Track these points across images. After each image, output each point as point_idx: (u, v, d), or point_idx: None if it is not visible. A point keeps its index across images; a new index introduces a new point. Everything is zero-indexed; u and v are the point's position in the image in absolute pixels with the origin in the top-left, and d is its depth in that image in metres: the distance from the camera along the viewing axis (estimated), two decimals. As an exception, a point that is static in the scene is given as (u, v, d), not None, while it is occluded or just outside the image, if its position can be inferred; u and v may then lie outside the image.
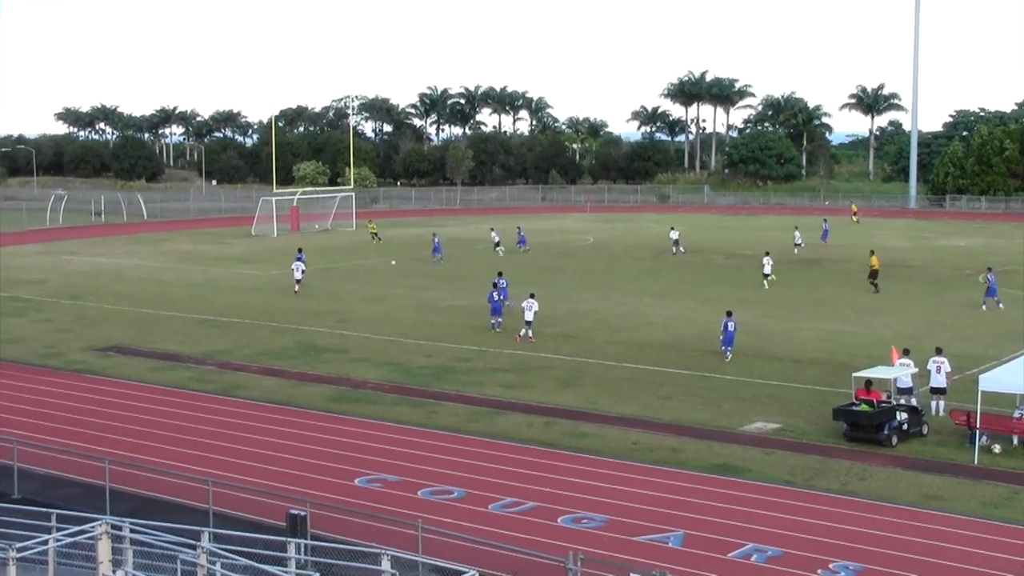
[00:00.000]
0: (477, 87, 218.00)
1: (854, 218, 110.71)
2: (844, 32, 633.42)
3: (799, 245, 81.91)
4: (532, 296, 47.34)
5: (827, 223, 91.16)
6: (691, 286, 63.47)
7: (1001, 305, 53.92)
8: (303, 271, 61.95)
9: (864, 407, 31.35)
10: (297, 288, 60.96)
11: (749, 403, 35.61)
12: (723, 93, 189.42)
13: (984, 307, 53.90)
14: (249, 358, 43.18)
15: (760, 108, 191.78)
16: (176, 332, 48.88)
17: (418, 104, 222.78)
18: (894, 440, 30.85)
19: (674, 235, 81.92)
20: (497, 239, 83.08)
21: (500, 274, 54.88)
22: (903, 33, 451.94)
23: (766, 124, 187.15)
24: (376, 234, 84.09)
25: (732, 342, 42.33)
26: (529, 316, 46.03)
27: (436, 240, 78.25)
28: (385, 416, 34.16)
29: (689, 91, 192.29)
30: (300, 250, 67.05)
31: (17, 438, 28.53)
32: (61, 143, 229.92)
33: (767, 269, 64.14)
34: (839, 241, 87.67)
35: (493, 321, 48.96)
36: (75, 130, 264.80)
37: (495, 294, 49.87)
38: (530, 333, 45.97)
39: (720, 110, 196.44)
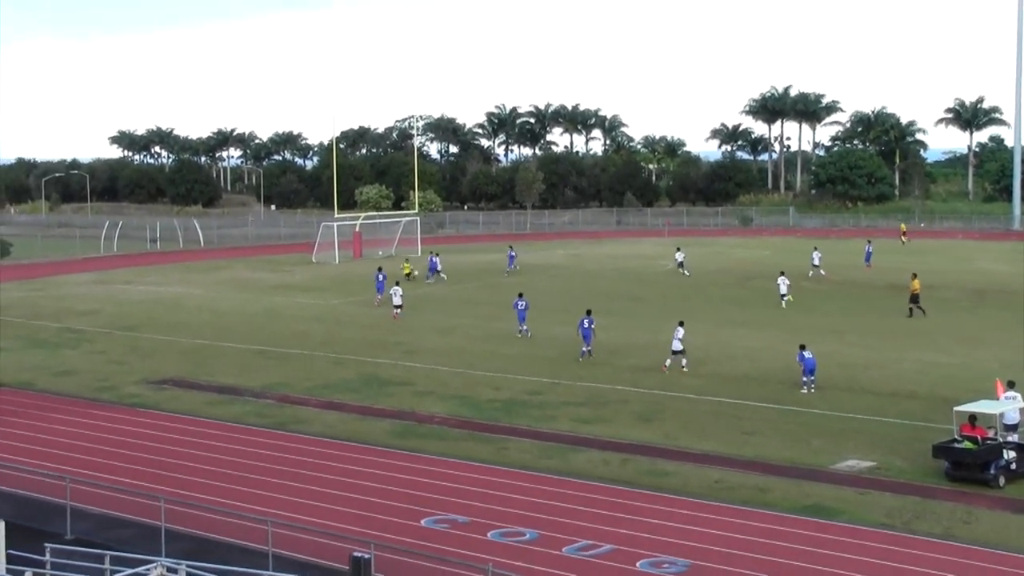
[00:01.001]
0: (547, 105, 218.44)
1: (903, 239, 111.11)
2: (939, 42, 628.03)
3: (816, 267, 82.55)
4: (681, 324, 47.22)
5: (871, 245, 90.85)
6: (777, 315, 62.91)
7: None
8: (402, 295, 63.53)
9: (968, 444, 30.73)
10: (398, 313, 62.43)
11: (840, 439, 35.13)
12: (809, 109, 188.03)
13: None
14: (309, 391, 43.38)
15: (849, 124, 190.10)
16: (233, 364, 49.27)
17: (486, 124, 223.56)
18: (1001, 481, 30.20)
19: (679, 256, 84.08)
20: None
21: (521, 295, 57.73)
22: (1004, 42, 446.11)
23: (855, 141, 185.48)
24: (411, 274, 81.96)
25: (814, 371, 41.84)
26: (677, 346, 46.20)
27: (512, 253, 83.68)
28: (452, 452, 34.11)
29: (772, 107, 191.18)
30: (380, 269, 70.71)
31: (70, 475, 28.83)
32: (116, 168, 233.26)
33: (783, 290, 65.94)
34: (893, 264, 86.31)
35: (584, 349, 49.53)
36: (130, 154, 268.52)
37: (585, 322, 50.30)
38: (683, 362, 45.99)
39: (806, 127, 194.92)
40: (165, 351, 52.97)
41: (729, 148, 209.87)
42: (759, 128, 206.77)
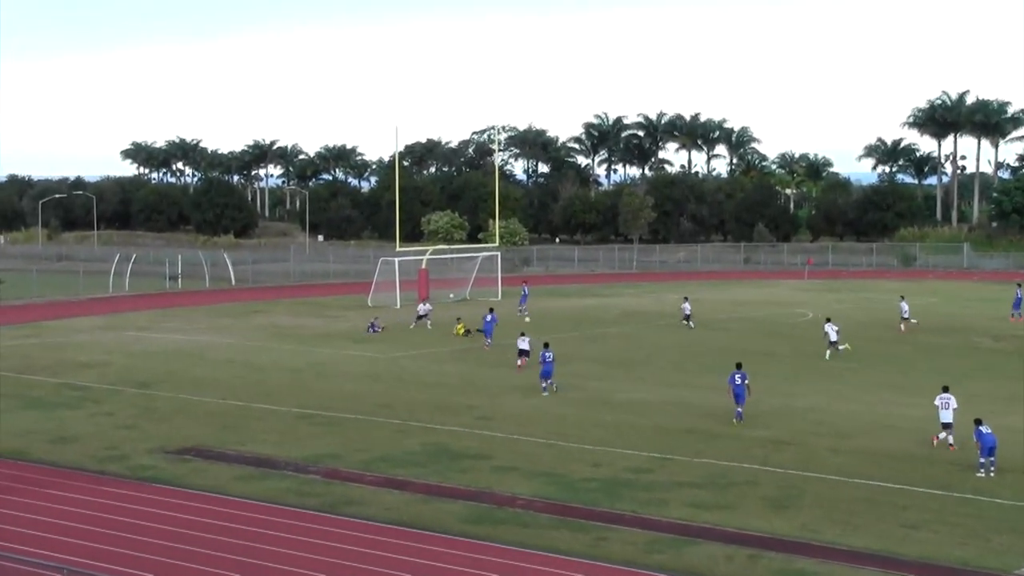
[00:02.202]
0: (660, 115, 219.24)
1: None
2: None
3: (906, 319, 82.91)
4: (945, 389, 46.94)
5: (1022, 289, 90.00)
6: (947, 378, 62.09)
7: None
8: (529, 342, 65.97)
9: None
10: (521, 364, 64.87)
11: (1028, 536, 34.67)
12: (990, 120, 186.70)
13: None
14: (364, 465, 43.58)
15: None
16: (270, 430, 49.67)
17: (583, 137, 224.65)
18: None
19: (686, 308, 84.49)
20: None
21: (547, 344, 59.85)
22: None
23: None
24: (468, 331, 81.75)
25: (994, 451, 41.32)
26: (947, 417, 45.68)
27: (525, 290, 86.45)
28: (539, 543, 34.06)
29: (943, 118, 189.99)
30: (492, 309, 75.69)
31: (68, 565, 29.12)
32: (128, 188, 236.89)
33: (833, 336, 69.42)
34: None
35: (738, 410, 50.69)
36: (146, 171, 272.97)
37: (737, 377, 51.23)
38: (948, 439, 45.54)
39: (985, 143, 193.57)
40: (186, 413, 53.53)
41: (887, 169, 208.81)
42: (925, 144, 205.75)
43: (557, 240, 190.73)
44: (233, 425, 50.72)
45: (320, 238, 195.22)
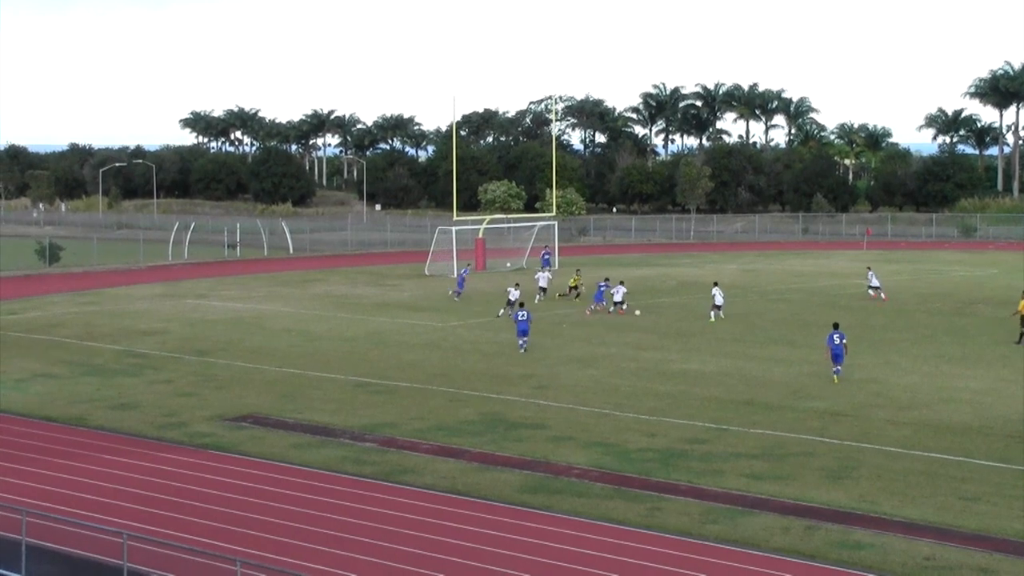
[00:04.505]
0: (718, 85, 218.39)
1: None
2: None
3: (876, 288, 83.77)
4: None
5: None
6: (1008, 350, 61.84)
7: None
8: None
9: None
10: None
11: (1087, 509, 34.39)
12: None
13: None
14: (420, 433, 43.70)
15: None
16: (327, 399, 49.87)
17: (640, 108, 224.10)
18: None
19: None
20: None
21: (522, 304, 64.71)
22: None
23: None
24: (576, 287, 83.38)
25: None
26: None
27: (464, 273, 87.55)
28: (594, 513, 34.08)
29: (1005, 88, 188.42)
30: (607, 279, 78.56)
31: (128, 531, 29.36)
32: (188, 157, 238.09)
33: (719, 300, 71.99)
34: None
35: (836, 368, 52.53)
36: (205, 140, 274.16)
37: (836, 336, 52.89)
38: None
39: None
40: (245, 381, 53.83)
41: (948, 140, 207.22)
42: (987, 115, 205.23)
43: (614, 210, 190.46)
44: (290, 393, 50.95)
45: (377, 207, 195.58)
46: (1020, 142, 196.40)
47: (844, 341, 53.30)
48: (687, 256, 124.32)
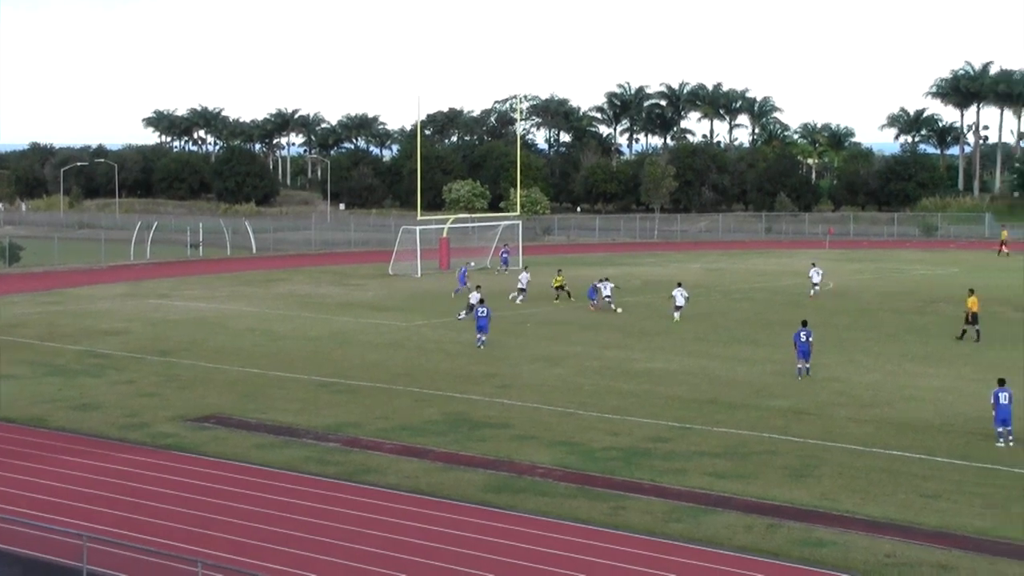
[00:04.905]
0: (682, 84, 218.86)
1: (1003, 251, 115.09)
2: None
3: (816, 287, 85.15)
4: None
5: None
6: (970, 348, 62.15)
7: None
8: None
9: None
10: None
11: (1048, 506, 34.58)
12: (1012, 91, 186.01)
13: None
14: (383, 433, 43.65)
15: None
16: (291, 399, 49.75)
17: (605, 107, 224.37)
18: None
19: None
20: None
21: (482, 300, 65.56)
22: None
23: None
24: (563, 287, 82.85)
25: (1009, 420, 41.29)
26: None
27: (464, 271, 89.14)
28: (558, 512, 34.10)
29: (966, 89, 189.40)
30: (604, 279, 78.27)
31: (88, 532, 29.23)
32: (150, 156, 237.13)
33: (680, 301, 71.36)
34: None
35: (801, 366, 53.37)
36: (168, 139, 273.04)
37: (803, 334, 53.69)
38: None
39: (1008, 113, 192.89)
40: (207, 382, 53.64)
41: (909, 139, 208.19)
42: (948, 115, 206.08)
43: (578, 209, 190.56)
44: (254, 393, 50.81)
45: (341, 207, 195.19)
46: (980, 142, 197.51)
47: (811, 339, 53.97)
48: (651, 255, 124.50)
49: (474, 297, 70.13)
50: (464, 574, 29.31)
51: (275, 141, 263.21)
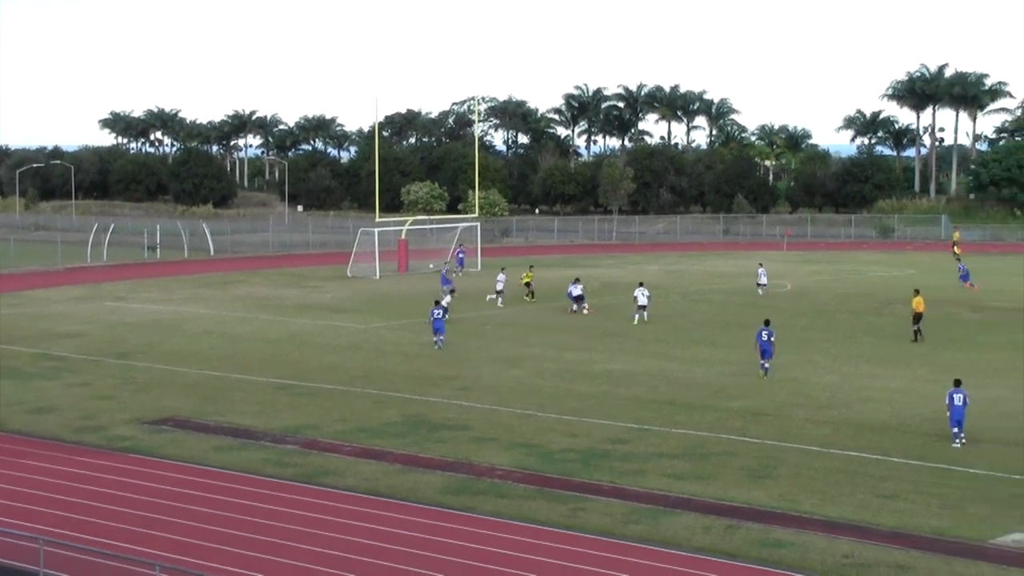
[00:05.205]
0: (640, 86, 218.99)
1: (955, 251, 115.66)
2: None
3: (764, 286, 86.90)
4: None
5: (962, 262, 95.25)
6: (926, 349, 62.45)
7: None
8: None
9: None
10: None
11: (1005, 507, 34.73)
12: (968, 93, 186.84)
13: None
14: (342, 435, 43.57)
15: (1019, 112, 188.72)
16: (249, 401, 49.60)
17: (563, 109, 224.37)
18: None
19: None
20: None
21: (437, 302, 64.92)
22: None
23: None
24: (529, 285, 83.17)
25: (962, 422, 41.52)
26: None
27: (461, 254, 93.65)
28: (517, 514, 34.09)
29: (922, 91, 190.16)
30: (577, 280, 78.45)
31: (44, 536, 29.06)
32: (107, 158, 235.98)
33: (642, 301, 71.30)
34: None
35: (764, 364, 54.27)
36: (125, 141, 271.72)
37: (764, 333, 54.51)
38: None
39: (964, 115, 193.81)
40: (165, 384, 53.42)
41: (866, 141, 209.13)
42: (904, 117, 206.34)
43: (536, 211, 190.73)
44: (211, 396, 50.63)
45: (299, 208, 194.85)
46: (936, 144, 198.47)
47: (773, 338, 54.43)
48: (609, 257, 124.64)
49: (446, 300, 70.14)
50: (423, 576, 29.30)
51: (232, 143, 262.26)
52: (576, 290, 76.47)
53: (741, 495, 35.91)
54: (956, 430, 41.64)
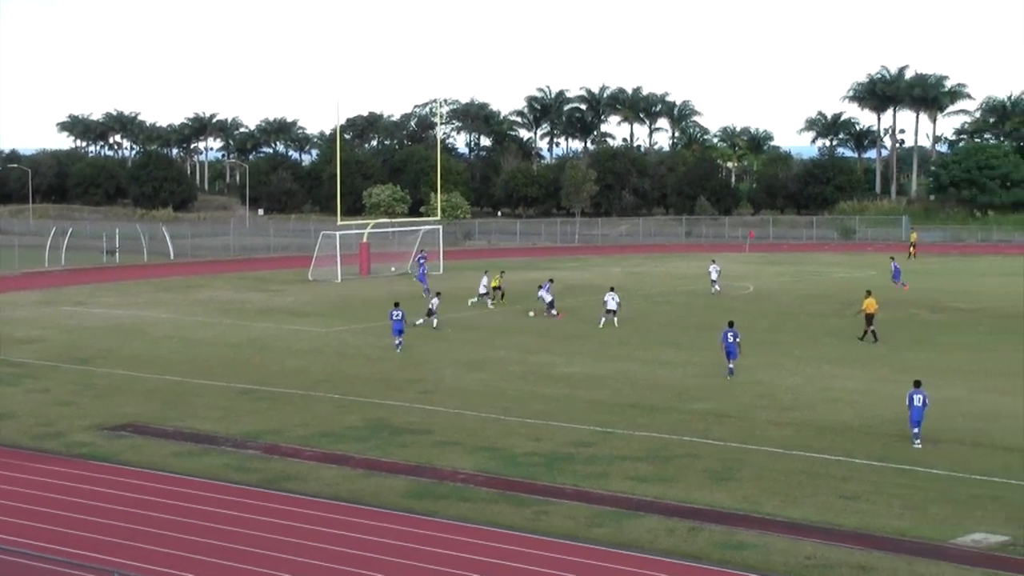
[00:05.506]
0: (602, 89, 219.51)
1: (912, 251, 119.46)
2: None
3: (716, 283, 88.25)
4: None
5: (896, 260, 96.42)
6: (887, 350, 62.72)
7: None
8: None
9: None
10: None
11: (965, 507, 34.90)
12: (928, 95, 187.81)
13: None
14: (304, 440, 43.48)
15: (979, 114, 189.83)
16: (210, 406, 49.43)
17: (525, 111, 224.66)
18: None
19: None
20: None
21: (397, 304, 64.05)
22: None
23: (987, 135, 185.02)
24: (499, 287, 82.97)
25: (920, 423, 41.73)
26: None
27: (422, 258, 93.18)
28: (480, 518, 34.08)
29: (883, 92, 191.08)
30: (551, 280, 79.07)
31: (2, 544, 28.89)
32: (65, 161, 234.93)
33: (611, 306, 71.25)
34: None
35: (730, 366, 54.52)
36: (83, 144, 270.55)
37: (730, 335, 54.95)
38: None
39: (924, 117, 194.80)
40: (125, 390, 53.19)
41: (827, 143, 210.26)
42: (865, 118, 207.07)
43: (499, 214, 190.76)
44: (172, 402, 50.44)
45: (260, 212, 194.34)
46: (897, 145, 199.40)
47: (738, 339, 54.69)
48: (572, 260, 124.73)
49: (434, 303, 70.01)
50: (386, 581, 29.25)
51: (192, 146, 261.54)
52: (547, 295, 76.17)
53: (704, 497, 35.99)
54: (916, 430, 41.87)
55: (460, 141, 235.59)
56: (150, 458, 41.19)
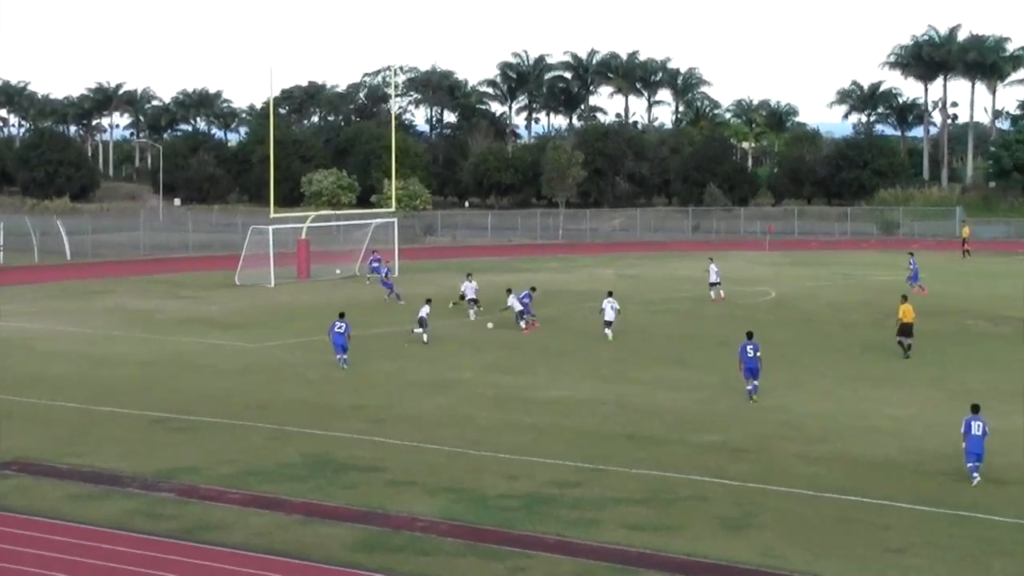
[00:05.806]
0: (591, 54, 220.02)
1: (965, 250, 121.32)
2: None
3: (716, 285, 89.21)
4: None
5: (915, 258, 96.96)
6: (936, 369, 62.67)
7: None
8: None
9: None
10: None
11: (1035, 561, 34.87)
12: (985, 60, 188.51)
13: None
14: (229, 480, 43.27)
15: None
16: (115, 439, 49.20)
17: (498, 80, 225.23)
18: None
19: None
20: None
21: (342, 315, 64.47)
22: None
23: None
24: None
25: (982, 456, 41.62)
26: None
27: (375, 263, 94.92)
28: (444, 574, 33.93)
29: (930, 57, 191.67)
30: (533, 288, 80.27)
31: None
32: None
33: (610, 316, 71.87)
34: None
35: (753, 385, 54.13)
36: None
37: (749, 348, 54.58)
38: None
39: (981, 87, 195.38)
40: (9, 418, 52.87)
41: (864, 119, 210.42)
42: (910, 89, 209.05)
43: (466, 204, 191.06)
44: (68, 433, 50.16)
45: (177, 202, 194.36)
46: (949, 121, 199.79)
47: (759, 353, 54.43)
48: (555, 259, 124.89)
49: (424, 311, 69.86)
50: (328, 653, 29.07)
51: (94, 122, 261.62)
52: (517, 304, 75.71)
53: (716, 550, 35.84)
54: (973, 464, 41.71)
55: (419, 117, 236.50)
56: (40, 502, 40.91)
